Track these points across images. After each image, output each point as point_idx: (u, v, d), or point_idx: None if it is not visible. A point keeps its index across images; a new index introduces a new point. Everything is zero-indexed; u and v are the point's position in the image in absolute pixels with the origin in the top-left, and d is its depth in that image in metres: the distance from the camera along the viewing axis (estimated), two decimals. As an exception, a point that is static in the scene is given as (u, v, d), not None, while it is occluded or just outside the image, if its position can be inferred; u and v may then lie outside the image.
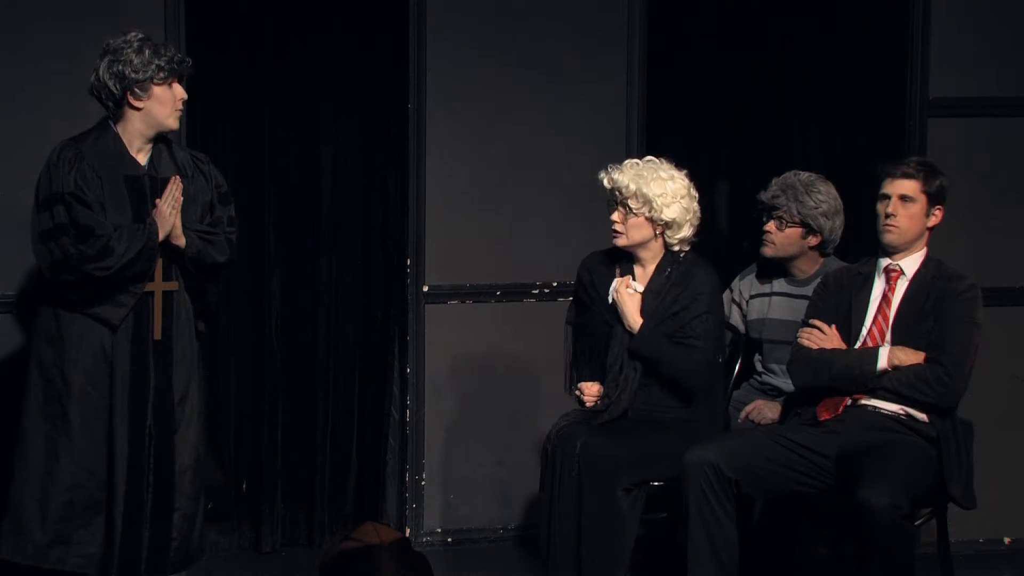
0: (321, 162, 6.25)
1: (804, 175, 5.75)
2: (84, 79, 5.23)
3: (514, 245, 6.34)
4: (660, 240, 5.38)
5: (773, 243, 5.77)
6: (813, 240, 5.74)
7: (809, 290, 5.59)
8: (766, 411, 5.63)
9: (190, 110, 6.03)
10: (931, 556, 5.33)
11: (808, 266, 5.78)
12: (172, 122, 5.21)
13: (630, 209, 5.32)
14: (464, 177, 6.30)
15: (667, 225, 5.33)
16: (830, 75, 6.51)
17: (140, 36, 5.18)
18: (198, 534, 5.33)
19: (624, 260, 5.45)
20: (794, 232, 5.72)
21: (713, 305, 5.37)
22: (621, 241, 5.37)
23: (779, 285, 5.83)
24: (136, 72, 5.13)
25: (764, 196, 5.78)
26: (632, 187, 5.30)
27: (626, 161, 5.39)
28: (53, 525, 5.16)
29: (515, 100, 6.31)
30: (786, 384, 5.59)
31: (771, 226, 5.75)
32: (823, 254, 5.78)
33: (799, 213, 5.69)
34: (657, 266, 5.39)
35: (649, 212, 5.30)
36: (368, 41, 6.25)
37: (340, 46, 6.22)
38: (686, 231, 5.36)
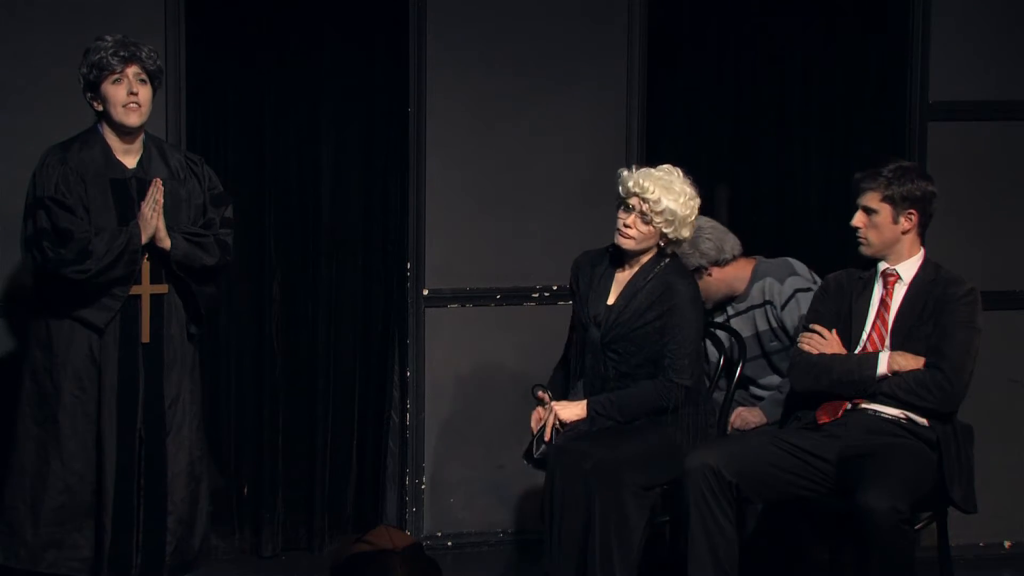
0: (321, 165, 6.24)
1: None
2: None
3: (514, 248, 6.34)
4: (657, 247, 5.37)
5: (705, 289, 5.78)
6: (718, 271, 5.78)
7: (755, 299, 5.71)
8: (748, 417, 5.66)
9: (190, 114, 6.03)
10: (931, 560, 5.33)
11: (740, 284, 5.80)
12: (126, 118, 5.17)
13: (648, 219, 5.25)
14: (464, 180, 6.30)
15: (673, 242, 5.32)
16: (830, 78, 6.51)
17: (106, 38, 5.18)
18: (198, 540, 5.33)
19: (611, 255, 5.43)
20: (719, 277, 5.76)
21: (689, 318, 5.29)
22: (629, 245, 5.30)
23: (730, 311, 5.87)
24: (85, 75, 5.16)
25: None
26: (663, 203, 5.21)
27: (655, 170, 5.29)
28: (46, 529, 5.17)
29: (515, 103, 6.30)
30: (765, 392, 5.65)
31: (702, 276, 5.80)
32: (725, 264, 5.81)
33: (700, 263, 5.76)
34: (641, 267, 5.35)
35: (666, 228, 5.25)
36: (368, 44, 6.24)
37: (340, 49, 6.22)
38: (681, 246, 5.39)
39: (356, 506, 6.37)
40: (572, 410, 5.30)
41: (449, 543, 6.37)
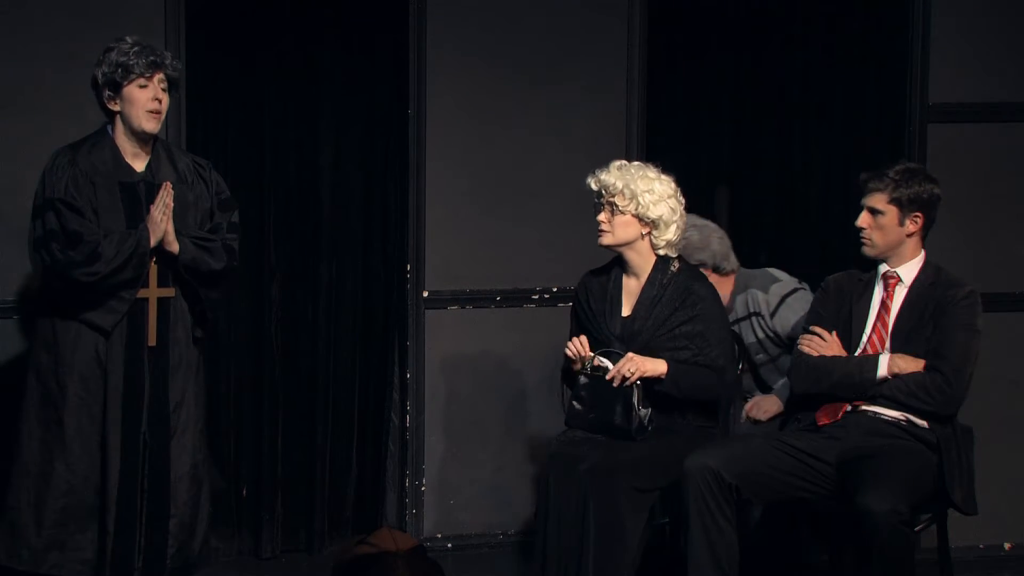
0: (321, 167, 6.24)
1: None
2: (83, 83, 5.24)
3: (514, 250, 6.34)
4: (647, 242, 5.33)
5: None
6: (715, 278, 5.72)
7: (739, 312, 5.78)
8: (764, 404, 5.68)
9: (190, 115, 6.03)
10: (931, 561, 5.33)
11: (724, 299, 5.65)
12: (146, 124, 5.18)
13: (616, 207, 5.28)
14: (464, 182, 6.30)
15: (654, 224, 5.29)
16: (830, 80, 6.51)
17: (126, 39, 5.17)
18: (199, 542, 5.33)
19: (616, 269, 5.42)
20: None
21: (719, 319, 5.32)
22: (607, 240, 5.32)
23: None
24: (106, 74, 5.14)
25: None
26: (619, 184, 5.26)
27: (613, 163, 5.37)
28: (49, 530, 5.17)
29: (515, 105, 6.30)
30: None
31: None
32: (723, 275, 5.80)
33: (704, 259, 5.78)
34: (648, 276, 5.35)
35: (636, 209, 5.26)
36: (368, 46, 6.24)
37: (340, 51, 6.22)
38: (672, 233, 5.30)
39: (356, 508, 6.37)
40: (655, 366, 5.23)
41: (449, 545, 6.37)
